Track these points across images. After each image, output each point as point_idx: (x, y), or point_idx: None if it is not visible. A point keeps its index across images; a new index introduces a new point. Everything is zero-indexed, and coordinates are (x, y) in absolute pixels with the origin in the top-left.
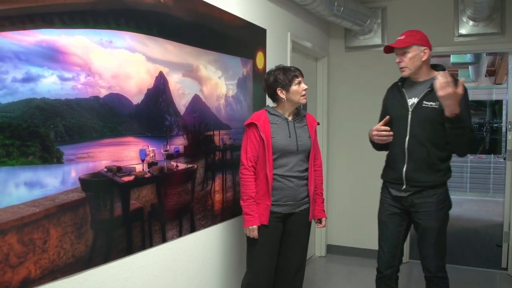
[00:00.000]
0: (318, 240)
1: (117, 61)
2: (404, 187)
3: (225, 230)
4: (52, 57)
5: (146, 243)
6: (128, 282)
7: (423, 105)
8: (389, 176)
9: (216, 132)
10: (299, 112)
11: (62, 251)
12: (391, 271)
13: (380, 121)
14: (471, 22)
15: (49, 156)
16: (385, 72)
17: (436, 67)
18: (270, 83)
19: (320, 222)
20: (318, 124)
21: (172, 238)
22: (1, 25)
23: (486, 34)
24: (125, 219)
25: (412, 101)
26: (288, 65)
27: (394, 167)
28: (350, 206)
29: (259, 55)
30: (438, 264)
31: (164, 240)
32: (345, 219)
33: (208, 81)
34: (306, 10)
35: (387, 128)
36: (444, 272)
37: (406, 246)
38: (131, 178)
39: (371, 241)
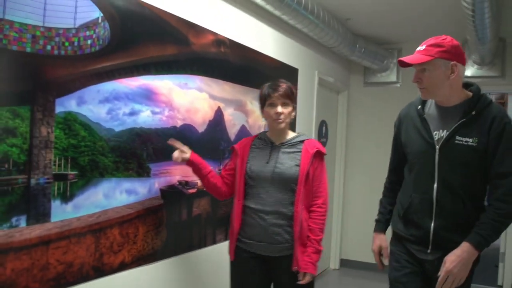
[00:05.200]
0: (333, 253)
1: (190, 98)
2: (430, 249)
3: None
4: (148, 96)
5: (201, 243)
6: (188, 275)
7: (456, 141)
8: (409, 231)
9: None
10: (295, 137)
11: (146, 244)
12: None
13: (394, 152)
14: (475, 66)
15: (142, 171)
16: (401, 106)
17: (468, 87)
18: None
19: (303, 278)
20: (325, 154)
21: (220, 241)
22: (118, 74)
23: (488, 76)
24: (189, 222)
25: (439, 134)
26: (315, 98)
27: (417, 221)
28: (364, 222)
29: None
30: None
31: (214, 242)
32: (359, 234)
33: (252, 113)
34: (332, 51)
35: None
36: None
37: None
38: (195, 190)
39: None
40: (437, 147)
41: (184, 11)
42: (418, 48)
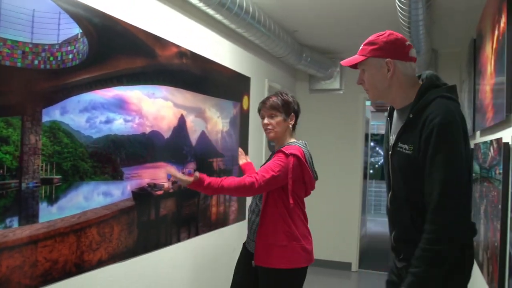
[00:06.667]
0: None
1: (157, 107)
2: (399, 257)
3: (219, 235)
4: (121, 106)
5: (167, 241)
6: (159, 268)
7: (398, 148)
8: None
9: (215, 159)
10: (284, 145)
11: (120, 242)
12: None
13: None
14: None
15: (116, 175)
16: (343, 112)
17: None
18: None
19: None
20: (284, 152)
21: (184, 239)
22: (95, 86)
23: None
24: (156, 222)
25: (392, 139)
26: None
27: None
28: (327, 221)
29: (245, 99)
30: None
31: (178, 240)
32: (323, 233)
33: (211, 120)
34: (280, 60)
35: None
36: None
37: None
38: (161, 192)
39: (341, 255)
40: (390, 153)
41: (151, 25)
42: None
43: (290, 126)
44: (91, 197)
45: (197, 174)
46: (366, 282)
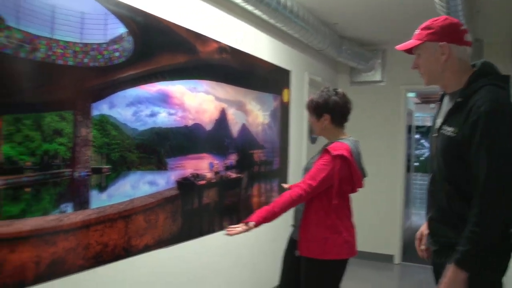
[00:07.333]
0: None
1: (198, 101)
2: (431, 239)
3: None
4: (164, 100)
5: (210, 229)
6: (202, 255)
7: (442, 130)
8: None
9: (255, 151)
10: (328, 143)
11: (165, 229)
12: None
13: None
14: None
15: (161, 165)
16: (385, 104)
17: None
18: None
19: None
20: (329, 151)
21: (226, 228)
22: (140, 81)
23: None
24: (200, 211)
25: (438, 122)
26: (306, 98)
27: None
28: (366, 216)
29: (285, 92)
30: None
31: (221, 228)
32: (362, 226)
33: (251, 113)
34: (320, 53)
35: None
36: None
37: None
38: (204, 182)
39: (384, 247)
40: (435, 135)
41: (192, 23)
42: (414, 32)
43: (326, 125)
44: (138, 186)
45: (250, 223)
46: (409, 274)
